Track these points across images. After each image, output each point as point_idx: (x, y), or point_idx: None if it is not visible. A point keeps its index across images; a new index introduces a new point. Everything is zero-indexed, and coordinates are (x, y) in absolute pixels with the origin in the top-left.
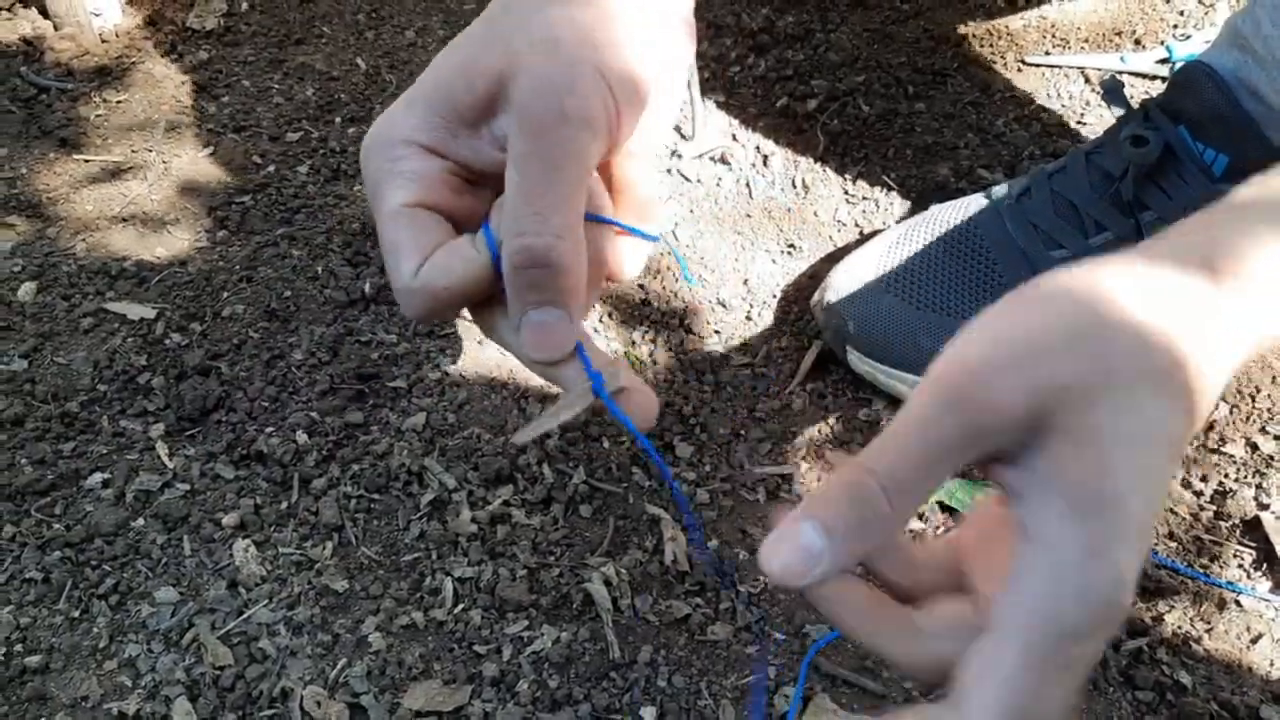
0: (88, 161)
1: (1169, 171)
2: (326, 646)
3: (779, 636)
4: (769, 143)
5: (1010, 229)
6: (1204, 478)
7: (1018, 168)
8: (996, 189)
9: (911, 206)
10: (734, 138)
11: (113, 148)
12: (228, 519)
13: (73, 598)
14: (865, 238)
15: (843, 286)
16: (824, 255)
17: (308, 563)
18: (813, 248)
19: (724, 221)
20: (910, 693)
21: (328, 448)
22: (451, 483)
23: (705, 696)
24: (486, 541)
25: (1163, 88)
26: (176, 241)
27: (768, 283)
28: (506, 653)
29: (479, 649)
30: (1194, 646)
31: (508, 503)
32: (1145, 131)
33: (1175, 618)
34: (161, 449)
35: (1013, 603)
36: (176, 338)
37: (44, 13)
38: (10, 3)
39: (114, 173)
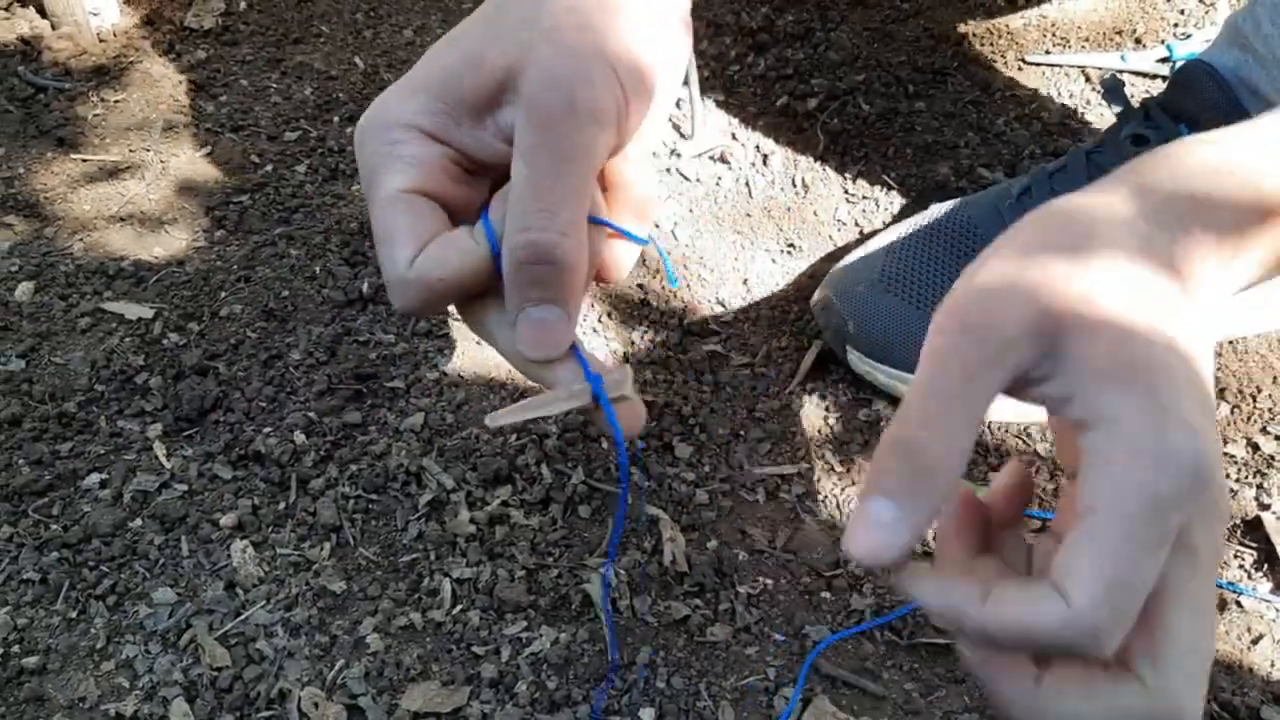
0: (85, 161)
1: None
2: (324, 647)
3: (778, 637)
4: (769, 142)
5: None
6: None
7: (1018, 167)
8: (997, 188)
9: (912, 206)
10: (734, 137)
11: (110, 147)
12: (225, 519)
13: (70, 598)
14: (865, 237)
15: (842, 286)
16: (824, 255)
17: (305, 563)
18: (812, 247)
19: (723, 221)
20: (910, 694)
21: (326, 448)
22: (450, 483)
23: (704, 698)
24: (485, 542)
25: (1163, 87)
26: (174, 241)
27: (767, 282)
28: (505, 654)
29: (477, 650)
30: None
31: (506, 503)
32: (1146, 130)
33: None
34: (159, 449)
35: (1096, 488)
36: (174, 337)
37: (42, 12)
38: (8, 2)
39: (112, 172)
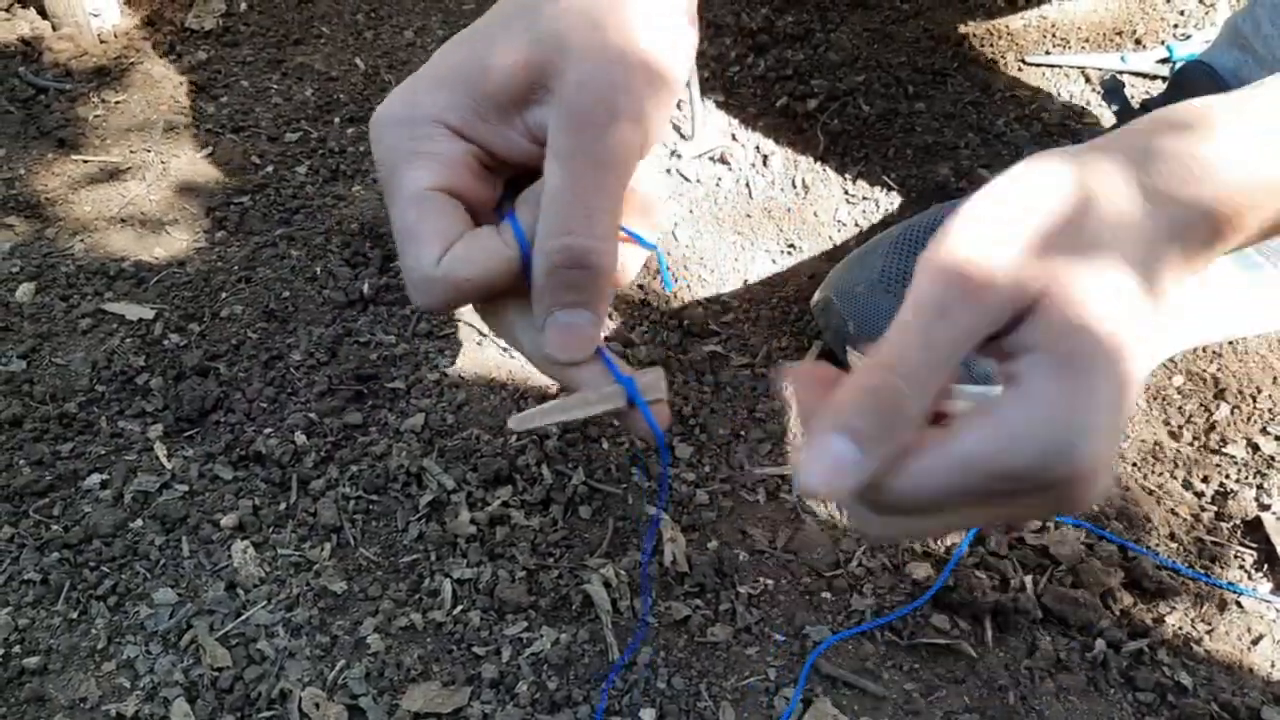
0: (86, 162)
1: None
2: (325, 648)
3: (778, 638)
4: (769, 142)
5: None
6: (1205, 479)
7: None
8: None
9: (912, 206)
10: (734, 137)
11: (111, 148)
12: (226, 520)
13: (71, 599)
14: (865, 237)
15: (843, 286)
16: (824, 255)
17: (306, 564)
18: (812, 248)
19: (724, 221)
20: (910, 694)
21: (326, 449)
22: (450, 484)
23: (705, 698)
24: (485, 543)
25: (1163, 87)
26: (175, 242)
27: (767, 283)
28: (505, 654)
29: (478, 650)
30: (1195, 647)
31: (507, 504)
32: None
33: (1176, 619)
34: (160, 450)
35: (973, 428)
36: (175, 338)
37: (42, 13)
38: (9, 3)
39: (112, 173)
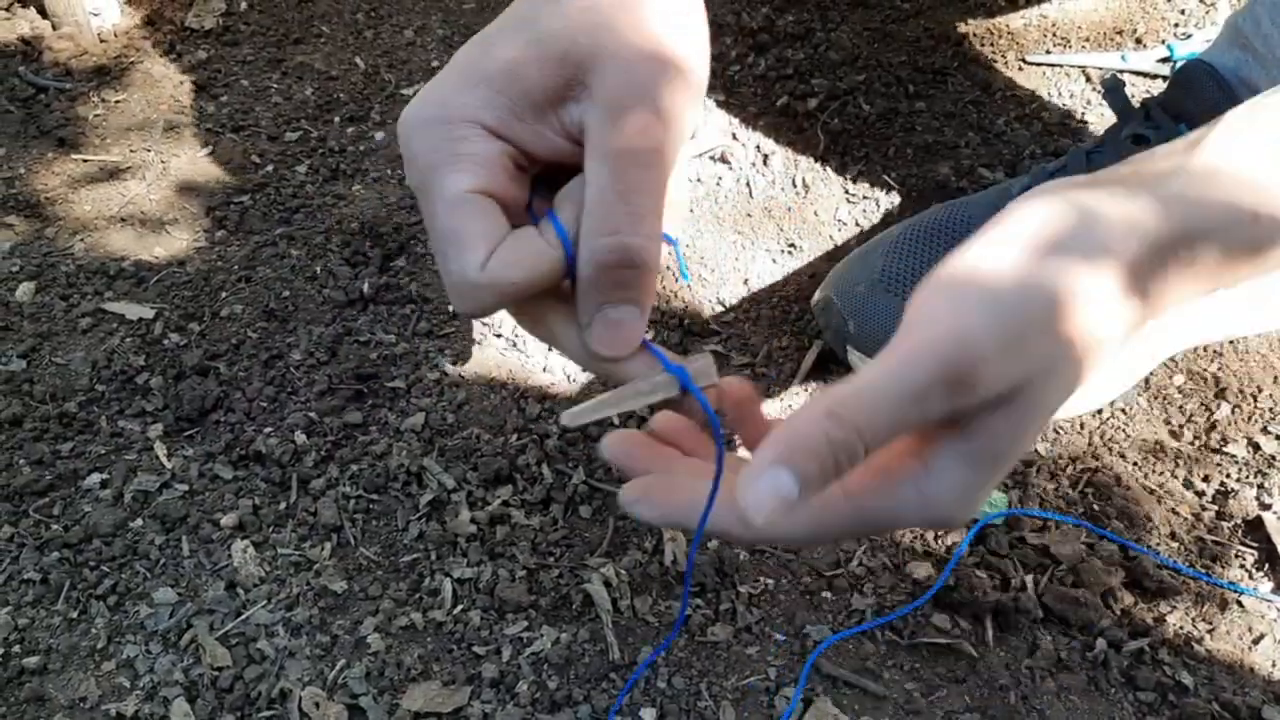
0: (86, 161)
1: None
2: (325, 647)
3: (779, 637)
4: (769, 142)
5: None
6: (1206, 478)
7: (1019, 167)
8: (997, 188)
9: (912, 206)
10: (734, 137)
11: (111, 147)
12: (226, 519)
13: (71, 598)
14: (865, 237)
15: (843, 286)
16: (824, 254)
17: (306, 563)
18: (813, 247)
19: (724, 221)
20: (911, 694)
21: (326, 448)
22: (450, 483)
23: (705, 698)
24: (486, 542)
25: (1164, 86)
26: (175, 241)
27: (768, 282)
28: (506, 654)
29: (478, 650)
30: (1196, 647)
31: (507, 503)
32: (1146, 130)
33: (1177, 618)
34: (160, 449)
35: (876, 497)
36: (175, 338)
37: (42, 12)
38: (9, 2)
39: (112, 172)
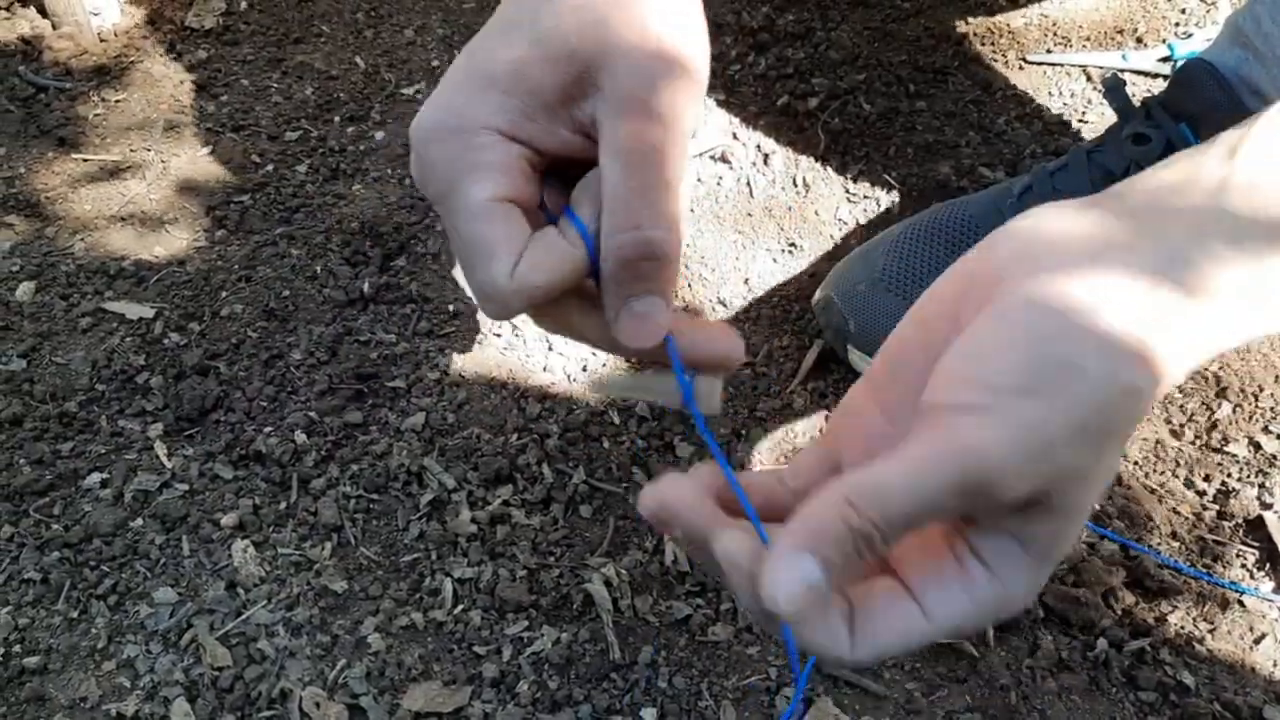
0: (86, 161)
1: None
2: (325, 647)
3: (780, 637)
4: (770, 141)
5: None
6: (1207, 477)
7: (1019, 166)
8: (998, 187)
9: (913, 205)
10: (735, 136)
11: (111, 147)
12: (226, 519)
13: (71, 598)
14: (866, 236)
15: (844, 285)
16: (825, 254)
17: (306, 563)
18: (813, 246)
19: (724, 220)
20: (912, 694)
21: (327, 448)
22: (451, 483)
23: (706, 698)
24: (486, 542)
25: (1164, 86)
26: (175, 241)
27: (768, 282)
28: (506, 653)
29: (479, 650)
30: (1197, 647)
31: (507, 503)
32: (1147, 129)
33: (1178, 618)
34: (160, 449)
35: (940, 603)
36: (175, 337)
37: (42, 12)
38: (9, 2)
39: (112, 172)
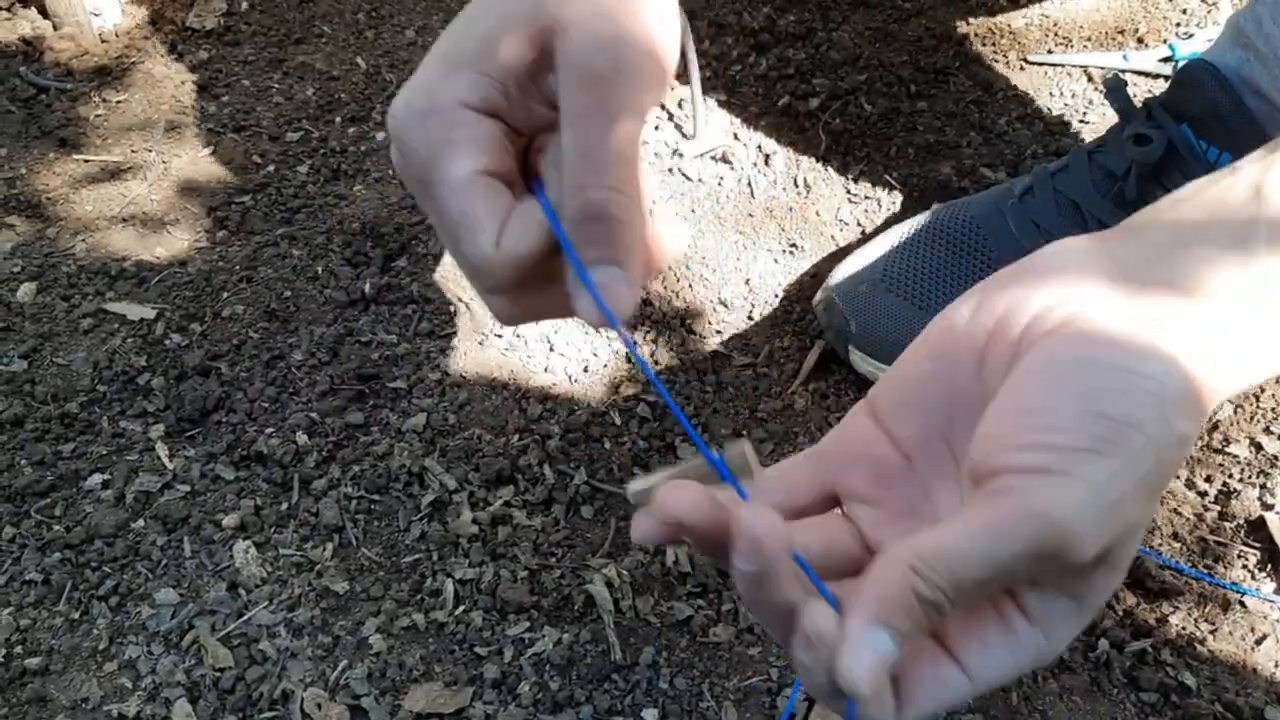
0: (87, 161)
1: (1172, 170)
2: (327, 648)
3: None
4: (771, 142)
5: (1013, 228)
6: (1208, 478)
7: (1020, 167)
8: (999, 188)
9: (914, 205)
10: (735, 137)
11: (112, 148)
12: (228, 520)
13: (73, 599)
14: (867, 237)
15: (845, 286)
16: (826, 254)
17: (308, 564)
18: (815, 247)
19: (725, 221)
20: None
21: (328, 448)
22: (452, 483)
23: (707, 698)
24: (487, 543)
25: (1165, 86)
26: (176, 242)
27: (769, 282)
28: (508, 654)
29: (480, 651)
30: (1198, 648)
31: (509, 504)
32: (1148, 130)
33: (1179, 619)
34: (161, 450)
35: (983, 663)
36: (176, 338)
37: (43, 12)
38: (10, 2)
39: (114, 173)
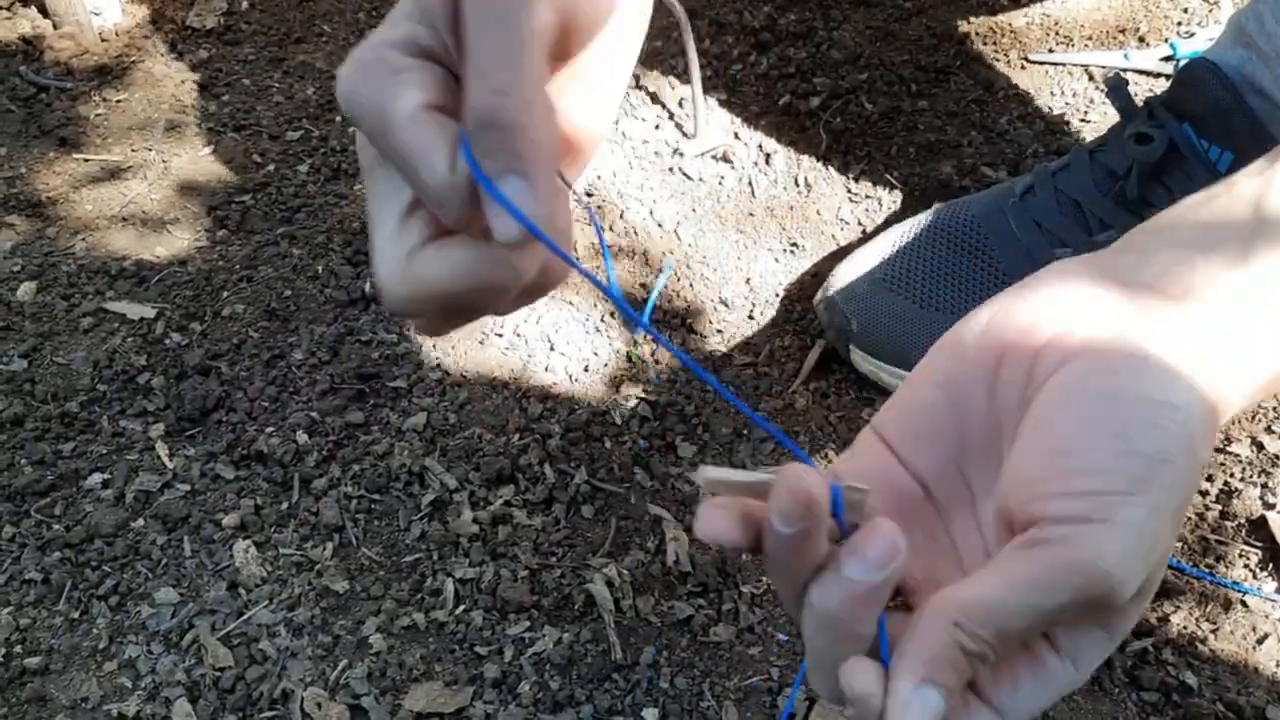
0: (87, 161)
1: (1173, 169)
2: (327, 648)
3: (781, 637)
4: (771, 141)
5: (1014, 227)
6: (1209, 477)
7: (1021, 166)
8: (1000, 187)
9: (915, 205)
10: (736, 136)
11: (112, 147)
12: (228, 519)
13: (72, 599)
14: (868, 236)
15: (846, 285)
16: (827, 254)
17: (308, 563)
18: (815, 246)
19: (726, 220)
20: None
21: (328, 448)
22: (452, 483)
23: (708, 698)
24: (488, 542)
25: (1167, 85)
26: (176, 241)
27: (770, 281)
28: (508, 654)
29: (480, 650)
30: (1200, 647)
31: (509, 503)
32: (1149, 129)
33: (1181, 618)
34: (161, 449)
35: (1016, 704)
36: (176, 337)
37: (44, 12)
38: (10, 1)
39: (114, 172)
